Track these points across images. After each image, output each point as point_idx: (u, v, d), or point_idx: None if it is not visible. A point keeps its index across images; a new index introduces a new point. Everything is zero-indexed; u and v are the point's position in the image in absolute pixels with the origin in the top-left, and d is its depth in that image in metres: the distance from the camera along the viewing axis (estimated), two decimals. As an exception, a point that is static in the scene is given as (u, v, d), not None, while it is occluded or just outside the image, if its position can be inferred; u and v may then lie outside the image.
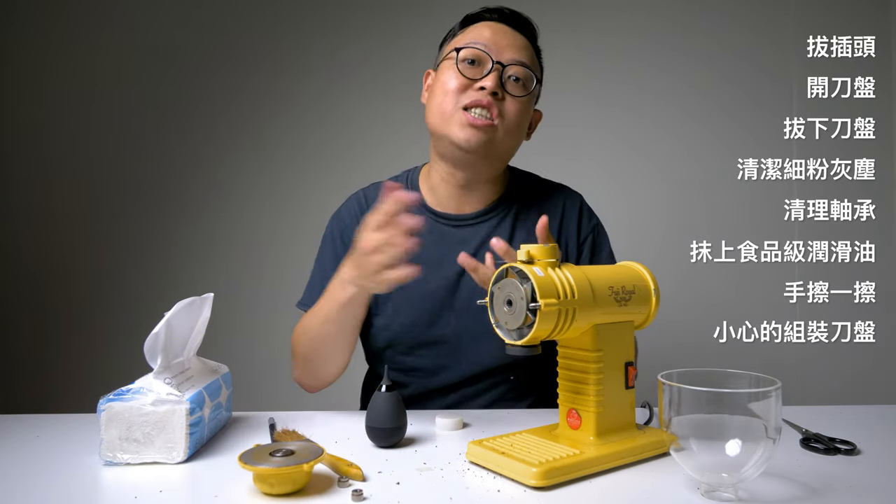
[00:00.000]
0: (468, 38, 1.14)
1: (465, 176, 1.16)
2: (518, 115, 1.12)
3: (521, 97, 1.12)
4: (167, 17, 2.34)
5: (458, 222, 1.19)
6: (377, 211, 0.93)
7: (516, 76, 1.12)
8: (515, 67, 1.12)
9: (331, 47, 2.28)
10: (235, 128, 2.32)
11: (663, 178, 2.16)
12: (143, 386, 0.85)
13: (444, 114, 1.11)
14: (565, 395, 0.85)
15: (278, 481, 0.72)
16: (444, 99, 1.11)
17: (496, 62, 1.10)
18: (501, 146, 1.12)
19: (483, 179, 1.18)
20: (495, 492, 0.74)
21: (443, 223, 1.19)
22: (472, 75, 1.11)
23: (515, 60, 1.12)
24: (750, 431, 0.67)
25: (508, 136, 1.12)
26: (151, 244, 2.33)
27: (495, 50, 1.11)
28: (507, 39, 1.13)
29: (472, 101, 1.09)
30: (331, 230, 1.24)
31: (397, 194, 0.91)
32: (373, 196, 1.23)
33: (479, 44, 1.12)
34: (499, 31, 1.14)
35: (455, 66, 1.11)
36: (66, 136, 2.35)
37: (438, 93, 1.13)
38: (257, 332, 2.26)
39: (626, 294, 0.85)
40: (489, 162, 1.14)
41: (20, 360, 2.34)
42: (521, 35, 1.16)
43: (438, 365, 1.15)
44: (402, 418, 0.89)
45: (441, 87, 1.13)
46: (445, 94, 1.11)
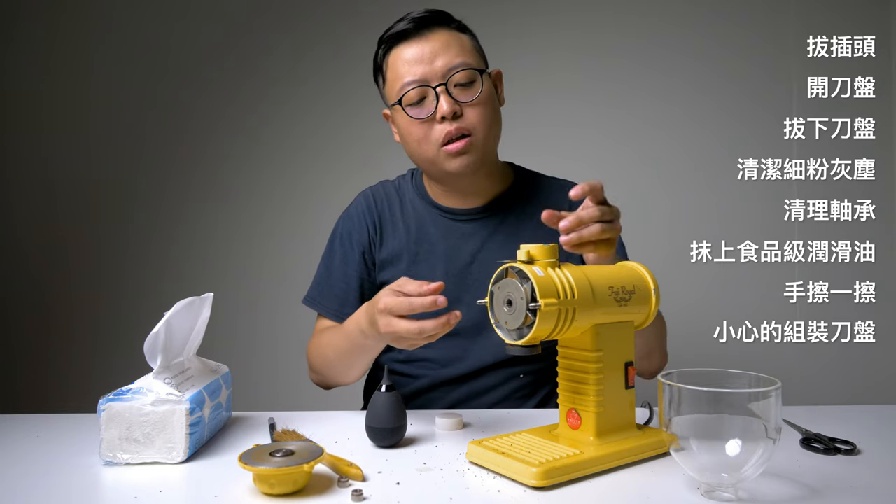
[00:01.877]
0: (396, 76, 1.11)
1: (464, 185, 1.18)
2: (483, 114, 1.11)
3: (476, 99, 1.10)
4: (167, 17, 2.34)
5: (463, 217, 1.20)
6: (401, 281, 0.90)
7: (460, 82, 1.10)
8: (454, 75, 1.09)
9: (331, 47, 2.28)
10: (236, 128, 2.32)
11: (663, 178, 2.16)
12: (143, 386, 0.85)
13: (426, 159, 1.13)
14: (565, 395, 0.85)
15: (278, 481, 0.72)
16: (420, 147, 1.12)
17: (436, 86, 1.09)
18: (486, 147, 1.14)
19: (482, 178, 1.19)
20: (495, 492, 0.74)
21: (448, 217, 1.21)
22: (427, 113, 1.10)
23: (449, 68, 1.09)
24: (750, 431, 0.67)
25: (488, 134, 1.12)
26: (151, 244, 2.33)
27: (427, 72, 1.09)
28: (429, 48, 1.10)
29: (443, 136, 1.09)
30: (339, 229, 1.26)
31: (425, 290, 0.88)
32: (381, 195, 1.25)
33: (409, 82, 1.09)
34: (418, 47, 1.10)
35: (405, 115, 1.11)
36: (67, 137, 2.35)
37: (410, 142, 1.14)
38: (257, 332, 2.26)
39: (626, 294, 0.85)
40: (484, 164, 1.16)
41: (20, 360, 2.34)
42: (441, 31, 1.12)
43: (447, 357, 1.17)
44: (402, 418, 0.89)
45: (408, 136, 1.13)
46: (418, 144, 1.12)
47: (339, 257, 1.23)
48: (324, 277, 1.23)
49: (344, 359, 1.11)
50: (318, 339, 1.19)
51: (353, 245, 1.22)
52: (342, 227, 1.25)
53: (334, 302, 1.21)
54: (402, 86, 1.10)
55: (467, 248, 1.18)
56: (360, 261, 1.22)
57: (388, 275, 1.20)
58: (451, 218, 1.21)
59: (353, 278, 1.21)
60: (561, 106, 2.18)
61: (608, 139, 2.18)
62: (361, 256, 1.22)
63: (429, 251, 1.19)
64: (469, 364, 1.16)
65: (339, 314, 1.19)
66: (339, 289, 1.21)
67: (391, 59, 1.13)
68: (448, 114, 1.08)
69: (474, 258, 1.18)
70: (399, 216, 1.22)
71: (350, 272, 1.21)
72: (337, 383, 1.19)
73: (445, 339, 1.14)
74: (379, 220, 1.22)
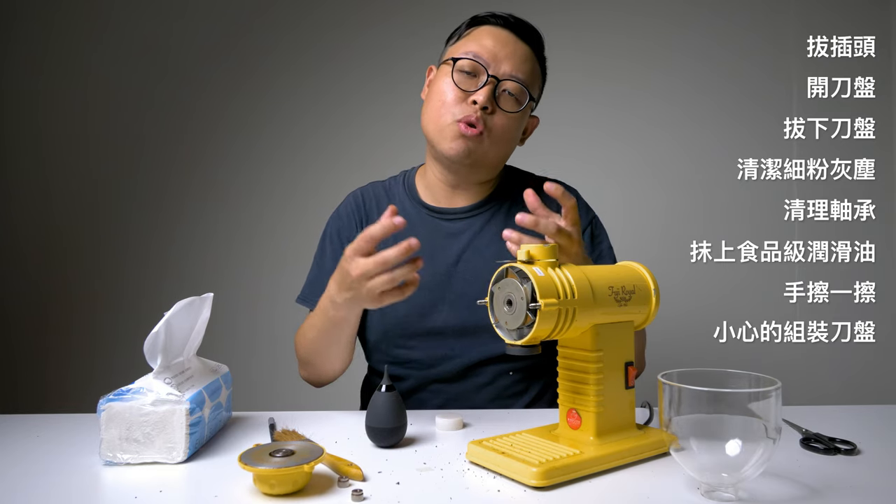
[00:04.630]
0: (469, 45, 1.15)
1: (455, 178, 1.20)
2: (505, 128, 1.14)
3: (512, 113, 1.14)
4: (166, 17, 2.34)
5: (450, 216, 1.21)
6: (363, 237, 0.90)
7: (510, 91, 1.13)
8: (510, 83, 1.13)
9: (330, 47, 2.28)
10: (235, 128, 2.32)
11: (663, 178, 2.16)
12: (143, 386, 0.85)
13: (437, 124, 1.14)
14: (565, 395, 0.85)
15: (278, 482, 0.72)
16: (440, 110, 1.14)
17: (491, 76, 1.12)
18: (487, 156, 1.15)
19: (473, 182, 1.21)
20: (495, 492, 0.74)
21: (435, 217, 1.22)
22: (467, 87, 1.12)
23: (511, 76, 1.13)
24: (750, 431, 0.67)
25: (494, 147, 1.14)
26: (151, 244, 2.33)
27: (493, 62, 1.12)
28: (507, 49, 1.14)
29: (463, 116, 1.11)
30: (329, 228, 1.27)
31: (385, 222, 0.89)
32: (370, 195, 1.26)
33: (476, 55, 1.12)
34: (500, 41, 1.14)
35: (451, 75, 1.13)
36: (66, 137, 2.35)
37: (435, 100, 1.15)
38: (257, 332, 2.26)
39: (626, 294, 0.85)
40: (476, 169, 1.17)
41: (20, 360, 2.34)
42: (524, 44, 1.16)
43: (434, 357, 1.16)
44: (402, 418, 0.89)
45: (437, 95, 1.15)
46: (441, 105, 1.13)
47: (329, 256, 1.23)
48: (315, 276, 1.24)
49: (322, 338, 1.10)
50: (301, 326, 1.20)
51: (342, 243, 1.22)
52: (332, 226, 1.27)
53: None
54: (468, 51, 1.13)
55: (453, 247, 1.19)
56: None
57: None
58: (438, 217, 1.21)
59: None
60: (561, 106, 2.17)
61: (608, 139, 2.18)
62: None
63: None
64: (456, 364, 1.16)
65: None
66: None
67: (478, 30, 1.16)
68: (483, 102, 1.10)
69: (459, 258, 1.18)
70: None
71: None
72: (323, 372, 1.17)
73: (430, 339, 1.16)
74: (367, 218, 1.24)
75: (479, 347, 1.15)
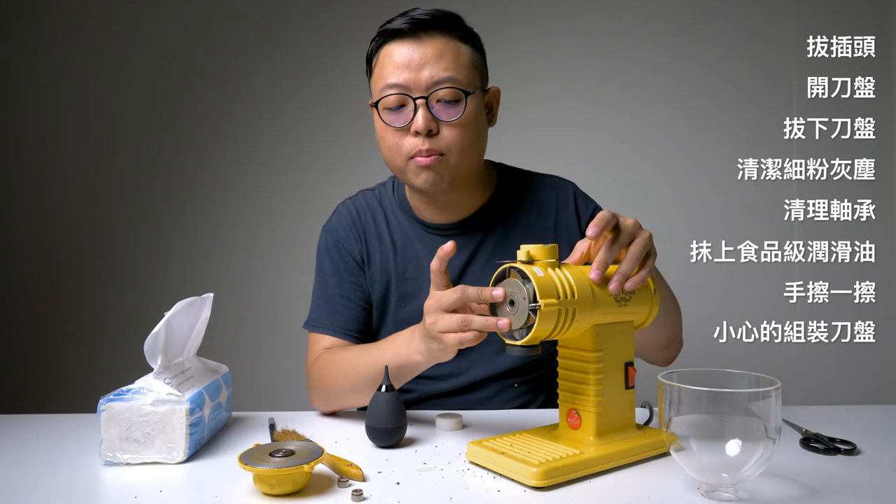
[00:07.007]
0: (382, 75, 1.05)
1: (441, 198, 1.12)
2: (461, 136, 1.04)
3: (457, 120, 1.03)
4: (168, 17, 2.34)
5: (447, 231, 1.15)
6: (447, 296, 0.84)
7: (444, 98, 1.02)
8: (439, 91, 1.02)
9: (332, 47, 2.28)
10: (236, 129, 2.32)
11: (663, 178, 2.16)
12: (143, 386, 0.85)
13: (396, 166, 1.07)
14: (565, 395, 0.85)
15: (278, 482, 0.72)
16: (390, 154, 1.06)
17: (416, 99, 1.01)
18: (460, 169, 1.06)
19: (462, 192, 1.13)
20: (495, 492, 0.74)
21: (432, 233, 1.16)
22: (401, 122, 1.03)
23: (434, 82, 1.01)
24: (750, 431, 0.67)
25: (462, 158, 1.05)
26: (152, 244, 2.33)
27: (411, 82, 1.02)
28: (417, 57, 1.02)
29: (414, 151, 1.03)
30: (325, 243, 1.20)
31: (440, 255, 0.87)
32: (363, 206, 1.20)
33: (392, 85, 1.02)
34: (407, 52, 1.03)
35: (381, 119, 1.05)
36: (68, 137, 2.36)
37: (382, 146, 1.08)
38: (257, 332, 2.26)
39: (626, 294, 0.85)
40: (456, 184, 1.08)
41: (21, 359, 2.34)
42: (432, 39, 1.03)
43: (440, 373, 1.13)
44: (402, 418, 0.89)
45: (381, 140, 1.08)
46: (388, 149, 1.06)
47: (330, 272, 1.17)
48: (321, 298, 1.17)
49: (375, 380, 0.99)
50: (331, 359, 1.10)
51: (342, 257, 1.17)
52: (327, 241, 1.19)
53: (338, 319, 1.15)
54: (383, 87, 1.04)
55: (454, 263, 1.13)
56: (356, 270, 1.17)
57: (376, 294, 1.16)
58: (435, 233, 1.15)
59: (349, 290, 1.16)
60: (561, 106, 2.18)
61: (608, 139, 2.18)
62: (355, 266, 1.17)
63: (416, 268, 1.15)
64: (461, 380, 1.14)
65: (346, 331, 1.14)
66: (339, 304, 1.16)
67: (381, 54, 1.06)
68: (423, 130, 1.01)
69: (462, 273, 1.14)
70: (385, 230, 1.17)
71: (346, 285, 1.16)
72: (346, 407, 1.10)
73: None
74: (364, 234, 1.17)
75: (483, 364, 1.13)
